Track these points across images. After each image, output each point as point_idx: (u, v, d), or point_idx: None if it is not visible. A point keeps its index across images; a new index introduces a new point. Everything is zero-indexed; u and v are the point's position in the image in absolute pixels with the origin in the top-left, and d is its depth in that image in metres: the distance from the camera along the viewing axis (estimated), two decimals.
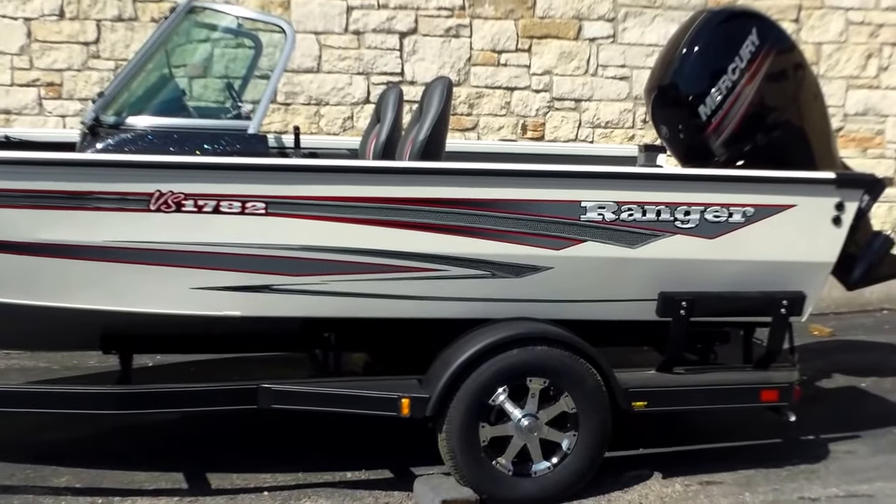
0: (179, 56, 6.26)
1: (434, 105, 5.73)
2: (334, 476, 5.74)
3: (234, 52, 7.62)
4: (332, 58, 9.03)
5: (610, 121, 9.64)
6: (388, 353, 6.22)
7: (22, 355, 7.83)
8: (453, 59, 9.24)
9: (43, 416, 5.45)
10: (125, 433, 6.33)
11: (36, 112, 8.56)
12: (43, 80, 8.57)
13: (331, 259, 5.18)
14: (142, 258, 5.06)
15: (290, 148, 6.46)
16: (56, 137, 6.47)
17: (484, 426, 5.30)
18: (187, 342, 6.13)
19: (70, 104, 8.61)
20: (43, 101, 8.59)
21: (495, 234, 5.26)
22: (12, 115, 8.50)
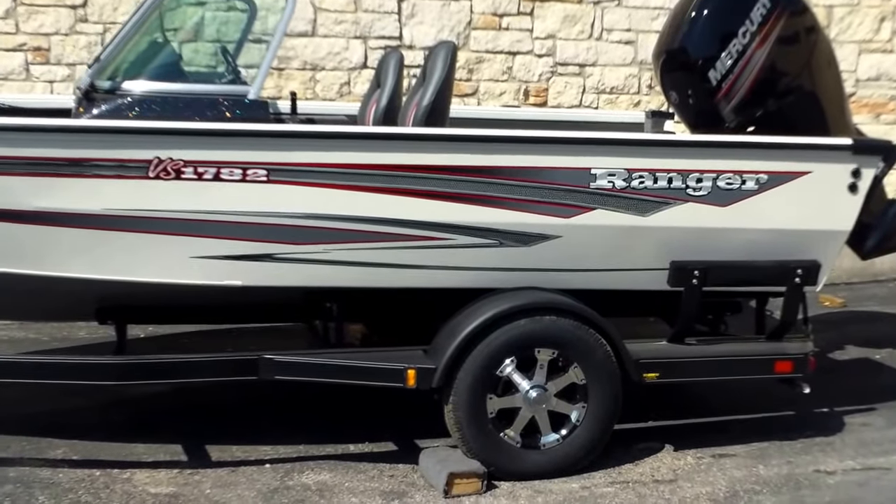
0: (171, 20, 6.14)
1: (438, 70, 5.64)
2: (337, 448, 5.69)
3: (226, 16, 7.50)
4: (327, 21, 8.86)
5: (615, 86, 9.52)
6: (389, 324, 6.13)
7: (10, 326, 7.76)
8: (453, 23, 9.08)
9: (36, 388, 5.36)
10: (122, 405, 6.26)
11: (23, 77, 8.39)
12: (30, 44, 8.39)
13: (334, 227, 5.09)
14: (140, 226, 4.97)
15: (286, 114, 6.39)
16: (47, 103, 6.39)
17: (491, 398, 5.24)
18: (186, 312, 6.04)
19: (58, 69, 8.43)
20: (30, 66, 8.42)
21: (503, 202, 5.17)
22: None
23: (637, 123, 6.96)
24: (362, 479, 5.32)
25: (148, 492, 5.09)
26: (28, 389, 5.46)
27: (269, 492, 5.13)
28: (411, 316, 5.78)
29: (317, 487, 5.20)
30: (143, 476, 5.27)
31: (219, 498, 5.04)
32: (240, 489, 5.15)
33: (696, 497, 5.21)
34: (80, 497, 5.01)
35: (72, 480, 5.18)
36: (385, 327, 6.27)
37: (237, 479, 5.28)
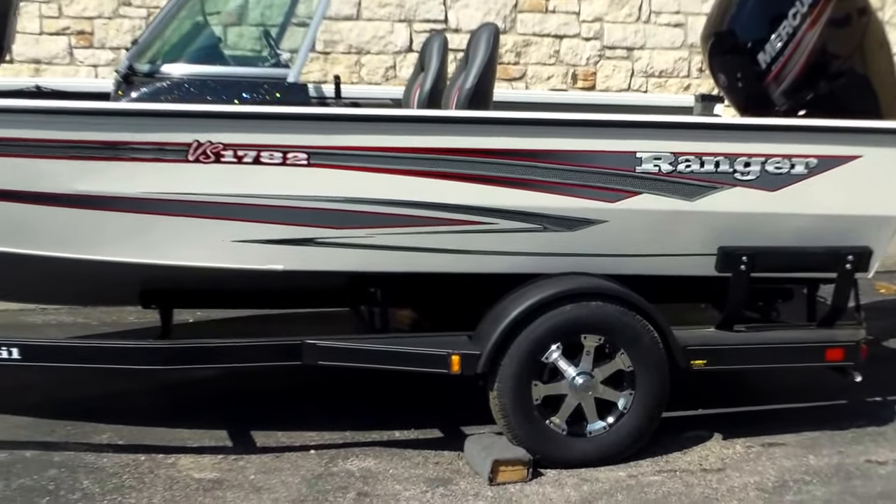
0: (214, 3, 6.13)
1: (481, 52, 5.58)
2: (382, 435, 5.67)
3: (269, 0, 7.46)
4: (372, 4, 8.85)
5: (664, 70, 9.43)
6: (436, 310, 6.09)
7: (59, 311, 7.87)
8: (499, 6, 9.03)
9: (82, 372, 5.39)
10: (167, 390, 6.29)
11: (67, 62, 8.43)
12: (73, 28, 8.42)
13: (376, 212, 5.05)
14: (180, 210, 4.96)
15: (330, 98, 6.38)
16: (88, 87, 6.41)
17: (537, 384, 5.18)
18: (229, 297, 6.05)
19: (101, 53, 8.47)
20: (73, 50, 8.45)
21: (547, 186, 5.10)
22: (42, 64, 8.38)
23: (686, 108, 6.84)
24: (407, 465, 5.29)
25: (192, 477, 5.09)
26: (74, 373, 5.48)
27: (313, 478, 5.11)
28: (456, 301, 5.73)
29: (361, 474, 5.17)
30: (188, 461, 5.27)
31: (262, 483, 5.03)
32: (284, 475, 5.14)
33: (744, 486, 5.13)
34: (125, 482, 5.02)
35: (116, 465, 5.19)
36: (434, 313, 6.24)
37: (281, 464, 5.26)
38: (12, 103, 4.95)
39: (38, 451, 5.32)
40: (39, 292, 6.22)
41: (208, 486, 4.98)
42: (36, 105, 5.03)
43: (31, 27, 8.34)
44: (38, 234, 5.00)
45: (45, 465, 5.17)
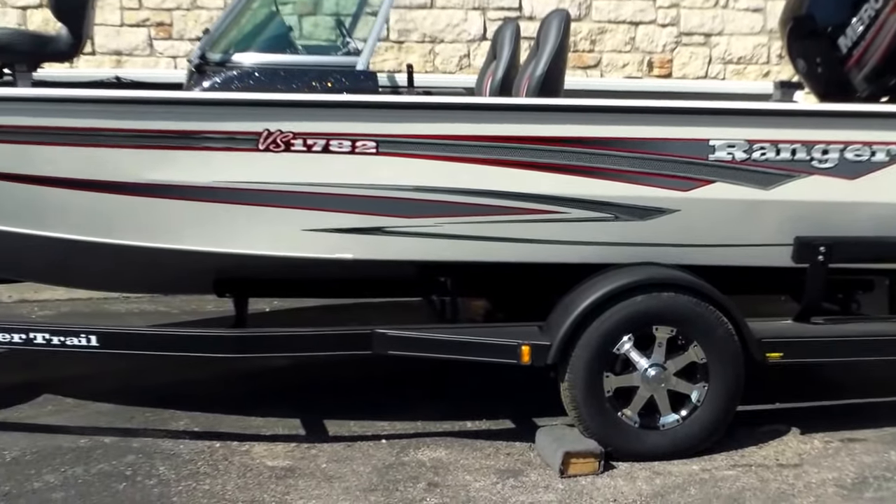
0: None
1: (551, 39, 5.53)
2: (454, 425, 5.64)
3: None
4: None
5: (743, 56, 9.26)
6: (507, 300, 6.04)
7: (141, 299, 8.01)
8: None
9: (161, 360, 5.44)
10: (243, 378, 6.35)
11: (147, 53, 8.53)
12: (152, 19, 8.52)
13: (445, 200, 5.03)
14: (250, 199, 5.00)
15: (403, 87, 6.36)
16: (166, 78, 6.48)
17: (608, 376, 5.12)
18: (300, 286, 6.05)
19: (180, 44, 8.56)
20: (153, 41, 8.54)
21: (618, 175, 5.04)
22: (123, 56, 8.49)
23: (765, 95, 6.71)
24: (478, 456, 5.26)
25: (265, 464, 5.11)
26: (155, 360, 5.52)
27: (384, 467, 5.10)
28: (528, 291, 5.70)
29: (431, 464, 5.15)
30: (261, 449, 5.30)
31: (334, 472, 5.04)
32: (355, 464, 5.14)
33: (822, 482, 5.02)
34: (199, 468, 5.06)
35: (192, 452, 5.25)
36: (506, 303, 6.21)
37: (353, 453, 5.27)
38: (85, 94, 5.02)
39: (117, 438, 5.40)
40: (117, 281, 6.31)
41: (280, 474, 5.00)
42: (108, 95, 5.12)
43: (113, 19, 8.46)
44: (112, 223, 5.08)
45: (123, 450, 5.24)
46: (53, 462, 5.09)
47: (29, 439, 5.35)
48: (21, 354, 5.52)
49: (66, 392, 6.03)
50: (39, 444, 5.30)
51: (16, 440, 5.34)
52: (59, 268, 5.74)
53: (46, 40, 5.88)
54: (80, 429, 5.51)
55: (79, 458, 5.14)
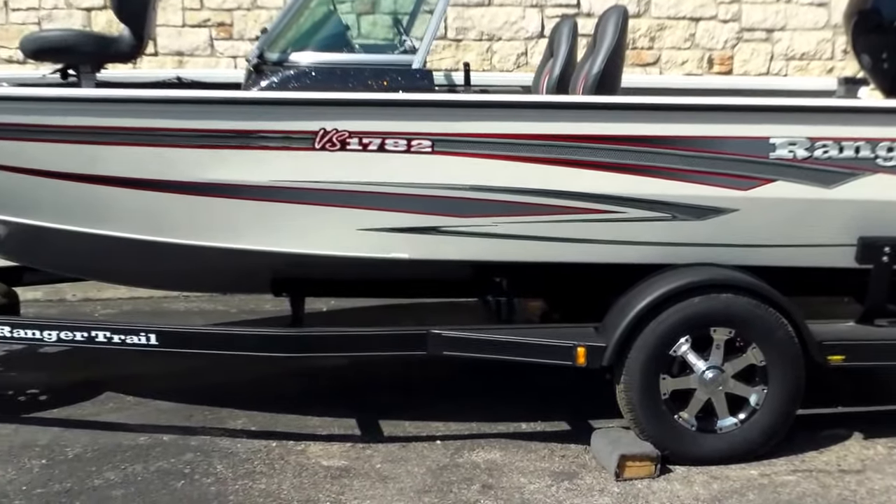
0: None
1: (608, 36, 5.47)
2: (509, 427, 5.62)
3: None
4: None
5: (806, 52, 9.10)
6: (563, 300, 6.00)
7: (200, 298, 8.06)
8: None
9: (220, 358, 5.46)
10: (301, 377, 6.37)
11: (208, 53, 8.59)
12: (213, 20, 8.57)
13: (501, 200, 5.00)
14: (307, 198, 5.01)
15: (459, 85, 6.34)
16: (226, 78, 6.52)
17: (665, 378, 5.06)
18: (356, 286, 6.05)
19: (241, 44, 8.60)
20: (214, 41, 8.60)
21: (676, 174, 4.97)
22: (185, 56, 8.55)
23: (828, 92, 6.60)
24: (533, 458, 5.23)
25: (320, 464, 5.13)
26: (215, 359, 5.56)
27: (439, 469, 5.09)
28: (584, 292, 5.65)
29: (486, 466, 5.13)
30: (317, 448, 5.32)
31: (388, 473, 5.04)
32: (409, 465, 5.14)
33: (885, 489, 4.93)
34: (256, 468, 5.09)
35: (249, 451, 5.28)
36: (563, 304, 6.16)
37: (407, 454, 5.27)
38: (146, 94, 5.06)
39: (176, 436, 5.46)
40: (177, 280, 6.36)
41: (335, 474, 5.01)
42: (167, 95, 5.15)
43: (175, 20, 8.52)
44: (171, 223, 5.12)
45: (182, 448, 5.30)
46: (114, 459, 5.16)
47: (90, 436, 5.43)
48: (85, 352, 5.65)
49: (127, 390, 6.10)
50: (100, 441, 5.38)
51: (77, 437, 5.42)
52: (119, 267, 5.80)
53: (109, 42, 5.96)
54: (141, 426, 5.58)
55: (138, 456, 5.21)
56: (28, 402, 5.99)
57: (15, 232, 5.41)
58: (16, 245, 5.75)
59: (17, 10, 8.47)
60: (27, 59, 5.98)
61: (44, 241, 5.43)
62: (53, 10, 8.49)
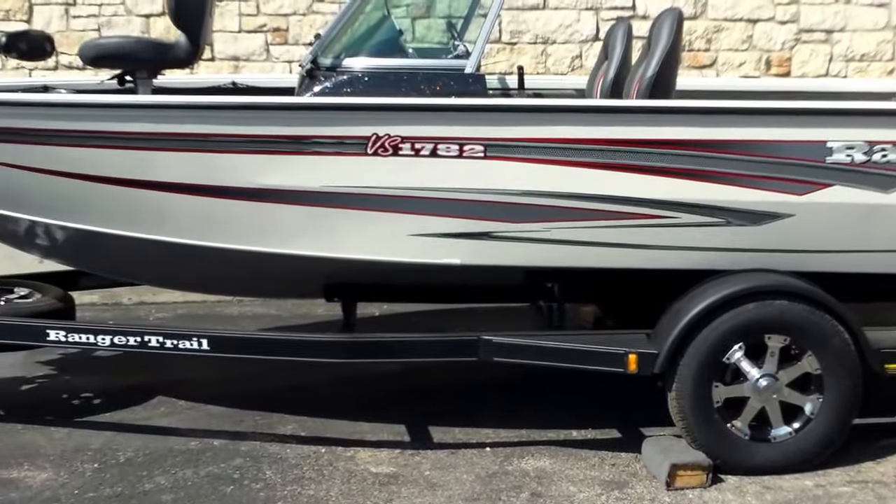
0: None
1: (663, 39, 5.42)
2: (559, 434, 5.57)
3: None
4: None
5: (866, 53, 8.96)
6: (617, 306, 5.95)
7: (254, 302, 8.12)
8: None
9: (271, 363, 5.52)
10: (351, 382, 6.35)
11: (263, 58, 8.64)
12: (269, 25, 8.61)
13: (554, 205, 4.97)
14: (359, 204, 5.01)
15: (513, 89, 6.31)
16: (280, 83, 6.54)
17: (717, 386, 4.98)
18: (408, 291, 6.03)
19: (296, 49, 8.63)
20: (270, 46, 8.64)
21: (731, 179, 4.92)
22: (240, 61, 8.61)
23: (889, 94, 6.47)
24: (583, 466, 5.18)
25: (369, 471, 5.12)
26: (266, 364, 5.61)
27: (488, 476, 5.06)
28: (637, 298, 5.61)
29: (535, 474, 5.09)
30: (366, 455, 5.31)
31: (437, 480, 5.01)
32: (458, 472, 5.11)
33: None
34: (305, 473, 5.09)
35: (298, 456, 5.28)
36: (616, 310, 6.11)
37: (456, 461, 5.24)
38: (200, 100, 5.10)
39: (226, 441, 5.47)
40: (229, 286, 6.40)
41: (384, 481, 4.99)
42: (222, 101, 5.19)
43: (231, 25, 8.58)
44: (225, 228, 5.14)
45: (231, 454, 5.31)
46: (164, 464, 5.18)
47: (142, 440, 5.47)
48: (138, 356, 5.67)
49: (178, 394, 6.14)
50: (151, 445, 5.41)
51: (129, 441, 5.46)
52: (173, 272, 5.84)
53: (166, 48, 6.04)
54: (191, 431, 5.61)
55: (189, 461, 5.22)
56: (81, 406, 6.05)
57: (71, 237, 5.45)
58: (72, 250, 5.80)
59: (78, 17, 8.57)
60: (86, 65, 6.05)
61: (99, 247, 5.46)
62: (113, 17, 8.57)
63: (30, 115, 5.06)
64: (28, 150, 5.06)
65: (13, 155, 5.08)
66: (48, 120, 5.02)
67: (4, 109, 5.07)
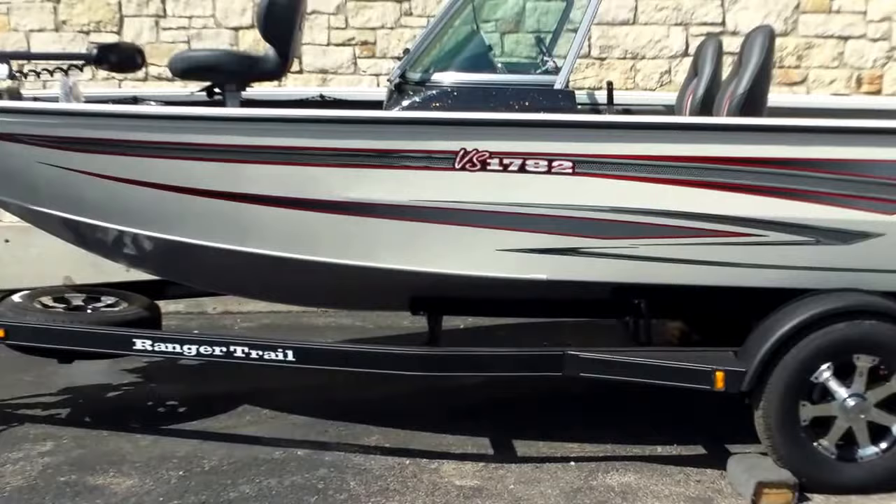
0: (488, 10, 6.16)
1: (755, 56, 5.36)
2: (644, 449, 5.55)
3: (546, 6, 7.48)
4: (648, 8, 8.65)
5: None
6: (703, 323, 5.90)
7: (339, 313, 8.15)
8: (779, 7, 8.65)
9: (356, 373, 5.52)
10: (436, 394, 6.39)
11: (351, 71, 8.69)
12: (357, 38, 8.67)
13: (642, 222, 4.95)
14: (447, 218, 5.03)
15: (602, 104, 6.28)
16: (368, 96, 6.59)
17: (805, 405, 4.94)
18: (494, 305, 5.98)
19: (383, 62, 8.67)
20: (357, 59, 8.69)
21: (821, 197, 4.87)
22: (329, 74, 8.68)
23: None
24: (668, 482, 5.16)
25: (453, 483, 5.13)
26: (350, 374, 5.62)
27: (572, 491, 5.05)
28: (724, 315, 5.56)
29: (620, 489, 5.07)
30: (450, 467, 5.32)
31: (521, 494, 5.01)
32: (542, 486, 5.10)
33: None
34: (389, 485, 5.11)
35: (382, 468, 5.30)
36: (702, 326, 6.07)
37: (541, 475, 5.23)
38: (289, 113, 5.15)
39: (310, 451, 5.51)
40: (315, 297, 6.40)
41: (468, 494, 5.00)
42: (311, 114, 5.22)
43: (320, 38, 8.65)
44: (313, 241, 5.19)
45: (316, 464, 5.34)
46: (249, 473, 5.23)
47: (227, 449, 5.52)
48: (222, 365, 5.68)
49: (263, 403, 6.20)
50: (236, 454, 5.46)
51: (214, 449, 5.52)
52: (259, 283, 5.88)
53: (255, 61, 6.08)
54: (276, 440, 5.65)
55: (273, 470, 5.27)
56: (167, 414, 6.12)
57: (160, 248, 5.54)
58: (160, 260, 5.89)
59: (168, 28, 8.71)
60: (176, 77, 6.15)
61: (187, 257, 5.54)
62: (203, 30, 8.70)
63: (121, 126, 5.14)
64: (119, 161, 5.14)
65: (104, 166, 5.17)
66: (140, 131, 5.10)
67: (97, 120, 5.17)
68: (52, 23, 8.69)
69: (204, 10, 8.68)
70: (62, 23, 8.67)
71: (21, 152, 5.22)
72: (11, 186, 5.53)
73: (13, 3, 8.68)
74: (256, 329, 7.89)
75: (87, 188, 5.27)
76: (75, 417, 6.05)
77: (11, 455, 5.44)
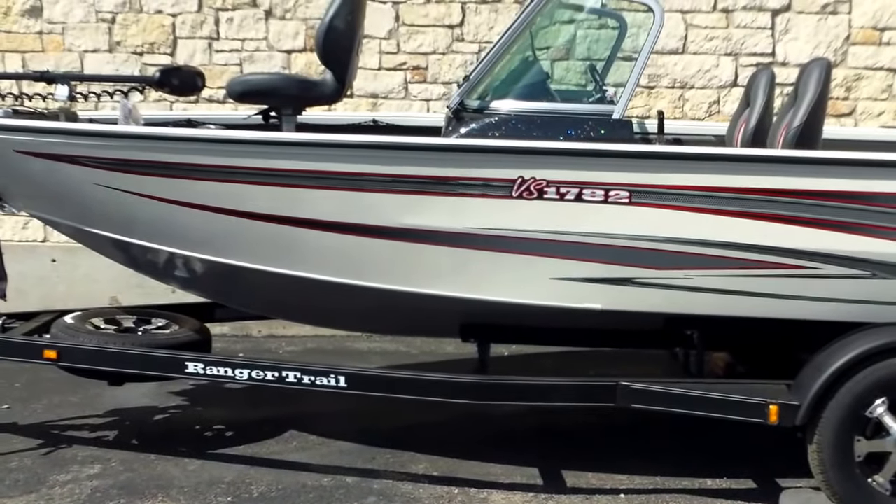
0: (543, 39, 6.18)
1: (811, 88, 5.35)
2: (693, 482, 5.50)
3: (597, 34, 7.51)
4: (698, 38, 8.62)
5: None
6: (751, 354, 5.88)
7: (383, 339, 8.11)
8: (829, 38, 8.61)
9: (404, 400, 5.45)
10: (484, 421, 6.35)
11: (402, 96, 8.69)
12: (409, 63, 8.68)
13: (697, 253, 4.95)
14: (502, 246, 5.04)
15: (653, 133, 6.28)
16: (420, 121, 6.61)
17: (859, 440, 4.90)
18: (546, 334, 5.98)
19: (434, 88, 8.67)
20: (408, 84, 8.71)
21: (877, 231, 4.86)
22: (379, 98, 8.69)
23: None
24: None
25: None
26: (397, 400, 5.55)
27: None
28: (777, 348, 5.55)
29: None
30: (499, 497, 5.29)
31: None
32: None
33: None
34: None
35: (431, 497, 5.28)
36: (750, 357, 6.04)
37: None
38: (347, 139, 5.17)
39: (358, 478, 5.48)
40: (366, 323, 6.39)
41: None
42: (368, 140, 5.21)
43: (371, 63, 8.67)
44: (366, 267, 5.21)
45: (364, 492, 5.32)
46: (297, 500, 5.21)
47: (274, 475, 5.51)
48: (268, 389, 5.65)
49: (309, 429, 6.18)
50: (284, 480, 5.44)
51: (262, 475, 5.50)
52: (310, 307, 5.91)
53: (312, 85, 6.11)
54: (324, 467, 5.62)
55: (322, 498, 5.25)
56: (214, 438, 6.10)
57: (212, 270, 5.57)
58: (211, 283, 5.91)
59: (221, 51, 8.74)
60: (231, 99, 6.17)
61: (239, 281, 5.56)
62: (255, 52, 8.74)
63: (178, 149, 5.18)
64: (174, 184, 5.19)
65: (159, 188, 5.22)
66: (196, 155, 5.14)
67: (153, 143, 5.22)
68: (107, 44, 8.74)
69: (257, 33, 8.71)
70: (116, 44, 8.72)
71: (79, 174, 5.27)
72: (66, 207, 5.59)
73: (68, 24, 8.72)
74: (301, 353, 7.88)
75: (142, 210, 5.31)
76: (123, 440, 6.06)
77: (60, 477, 5.46)
